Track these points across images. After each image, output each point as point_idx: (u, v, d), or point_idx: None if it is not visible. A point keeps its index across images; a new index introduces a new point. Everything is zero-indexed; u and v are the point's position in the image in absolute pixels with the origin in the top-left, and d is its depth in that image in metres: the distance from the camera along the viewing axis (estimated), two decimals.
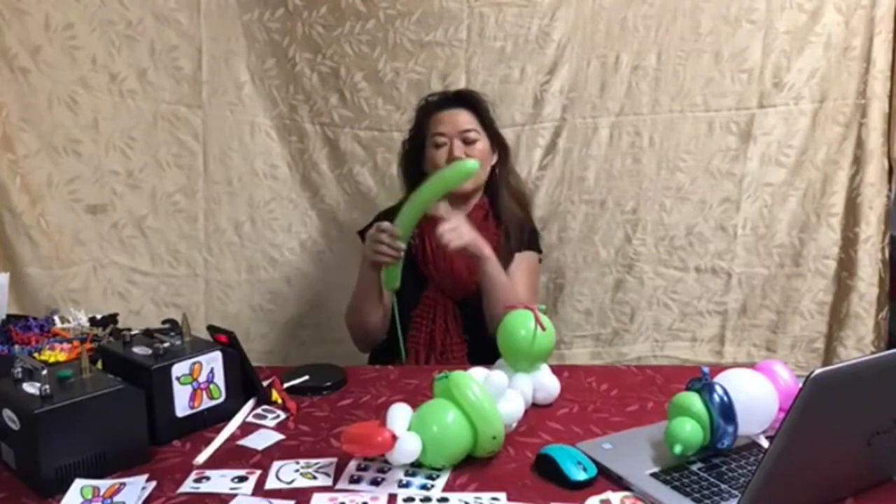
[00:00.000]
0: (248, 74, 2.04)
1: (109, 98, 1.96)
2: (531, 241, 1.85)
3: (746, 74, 2.06)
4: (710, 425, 1.10)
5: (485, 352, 1.69)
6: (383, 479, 1.09)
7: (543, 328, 1.33)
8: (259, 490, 1.08)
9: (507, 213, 1.81)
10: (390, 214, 1.80)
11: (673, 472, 1.09)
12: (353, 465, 1.13)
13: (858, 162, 2.08)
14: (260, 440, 1.23)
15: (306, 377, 1.43)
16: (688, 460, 1.12)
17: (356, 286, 1.74)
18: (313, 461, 1.15)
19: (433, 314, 1.72)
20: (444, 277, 1.73)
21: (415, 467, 1.12)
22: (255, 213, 2.11)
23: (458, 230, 1.62)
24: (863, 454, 1.00)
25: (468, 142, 1.75)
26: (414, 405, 1.15)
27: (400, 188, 1.89)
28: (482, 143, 1.77)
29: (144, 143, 2.01)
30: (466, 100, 1.80)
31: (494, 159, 1.81)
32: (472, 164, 1.59)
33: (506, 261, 1.77)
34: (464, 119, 1.76)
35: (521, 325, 1.34)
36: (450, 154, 1.73)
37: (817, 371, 0.86)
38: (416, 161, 1.81)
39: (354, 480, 1.09)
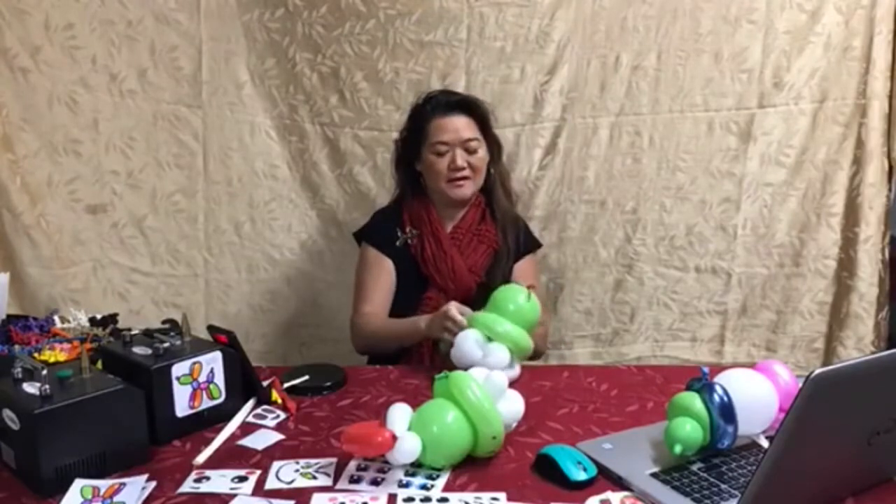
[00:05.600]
0: (248, 74, 2.04)
1: (109, 98, 1.96)
2: (528, 240, 1.87)
3: (746, 74, 2.06)
4: (710, 425, 1.10)
5: None
6: (383, 479, 1.09)
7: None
8: (259, 490, 1.08)
9: (503, 213, 1.82)
10: (387, 214, 1.81)
11: (673, 472, 1.09)
12: (353, 465, 1.13)
13: (858, 162, 2.08)
14: (260, 440, 1.23)
15: (306, 377, 1.43)
16: (688, 460, 1.12)
17: (397, 330, 1.67)
18: (313, 461, 1.15)
19: None
20: (445, 278, 1.73)
21: (415, 467, 1.12)
22: (255, 213, 2.12)
23: None
24: (863, 454, 1.00)
25: (470, 151, 1.74)
26: (414, 405, 1.15)
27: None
28: (482, 152, 1.77)
29: (144, 143, 2.01)
30: (468, 107, 1.78)
31: (487, 159, 1.81)
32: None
33: (506, 261, 1.79)
34: (466, 127, 1.75)
35: (511, 299, 1.46)
36: (451, 162, 1.72)
37: (817, 371, 0.86)
38: (411, 160, 1.80)
39: (354, 480, 1.09)
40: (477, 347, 1.41)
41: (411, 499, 1.05)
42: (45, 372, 1.11)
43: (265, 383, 1.38)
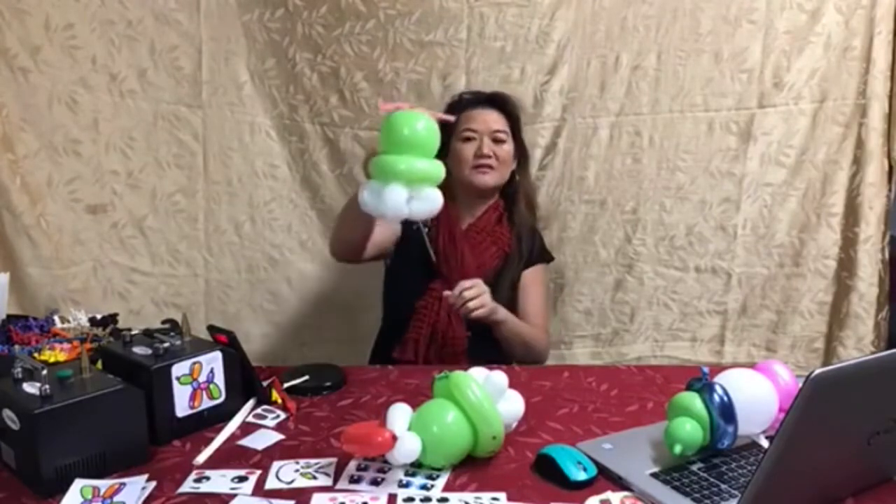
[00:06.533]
0: (248, 74, 2.04)
1: (109, 98, 1.95)
2: (541, 252, 1.90)
3: (746, 74, 2.06)
4: (710, 425, 1.10)
5: (487, 348, 1.70)
6: (383, 479, 1.09)
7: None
8: (259, 490, 1.08)
9: (521, 221, 1.86)
10: None
11: (673, 472, 1.09)
12: (353, 465, 1.13)
13: (858, 162, 2.08)
14: (260, 440, 1.23)
15: (306, 377, 1.43)
16: (688, 460, 1.12)
17: (353, 199, 1.59)
18: (313, 461, 1.15)
19: (437, 307, 1.72)
20: (453, 272, 1.74)
21: (415, 467, 1.12)
22: (255, 213, 2.11)
23: (482, 298, 1.62)
24: (863, 454, 1.00)
25: (496, 141, 1.79)
26: (414, 405, 1.15)
27: None
28: (509, 146, 1.81)
29: (144, 143, 2.01)
30: (500, 102, 1.84)
31: (514, 164, 1.84)
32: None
33: (516, 265, 1.82)
34: (496, 119, 1.81)
35: (406, 122, 1.29)
36: (479, 150, 1.76)
37: (817, 371, 0.86)
38: (440, 155, 1.82)
39: (354, 480, 1.09)
40: (403, 195, 1.28)
41: (411, 499, 1.05)
42: (45, 372, 1.11)
43: (265, 383, 1.38)
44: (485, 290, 1.65)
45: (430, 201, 1.31)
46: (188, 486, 1.08)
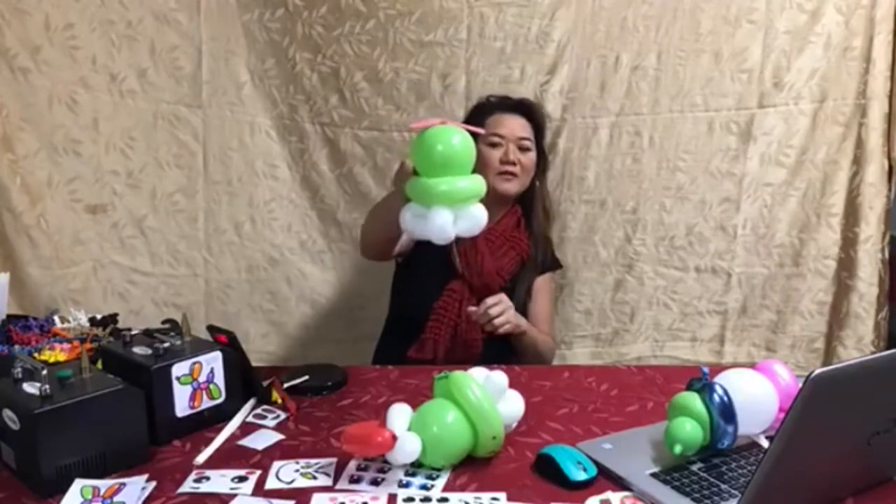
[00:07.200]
0: (248, 74, 2.04)
1: (109, 98, 1.95)
2: (553, 259, 1.94)
3: (746, 74, 2.06)
4: (710, 425, 1.10)
5: (501, 349, 1.71)
6: (383, 479, 1.09)
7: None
8: (259, 490, 1.08)
9: (538, 228, 1.87)
10: None
11: (673, 472, 1.09)
12: (353, 465, 1.13)
13: (858, 162, 2.08)
14: (260, 440, 1.23)
15: (306, 377, 1.43)
16: (688, 460, 1.12)
17: (382, 201, 1.66)
18: (313, 461, 1.15)
19: (458, 308, 1.72)
20: (472, 273, 1.74)
21: (415, 467, 1.12)
22: (255, 213, 2.11)
23: (507, 314, 1.66)
24: (863, 454, 1.00)
25: (522, 149, 1.80)
26: (414, 405, 1.15)
27: None
28: (533, 154, 1.83)
29: (144, 143, 2.00)
30: (527, 110, 1.86)
31: (534, 171, 1.85)
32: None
33: (531, 273, 1.84)
34: (523, 127, 1.82)
35: (440, 139, 1.25)
36: (505, 156, 1.77)
37: (817, 371, 0.86)
38: None
39: (354, 480, 1.09)
40: (449, 219, 1.24)
41: (411, 499, 1.05)
42: (45, 372, 1.11)
43: (265, 383, 1.38)
44: (509, 305, 1.67)
45: (476, 218, 1.27)
46: (188, 486, 1.08)
